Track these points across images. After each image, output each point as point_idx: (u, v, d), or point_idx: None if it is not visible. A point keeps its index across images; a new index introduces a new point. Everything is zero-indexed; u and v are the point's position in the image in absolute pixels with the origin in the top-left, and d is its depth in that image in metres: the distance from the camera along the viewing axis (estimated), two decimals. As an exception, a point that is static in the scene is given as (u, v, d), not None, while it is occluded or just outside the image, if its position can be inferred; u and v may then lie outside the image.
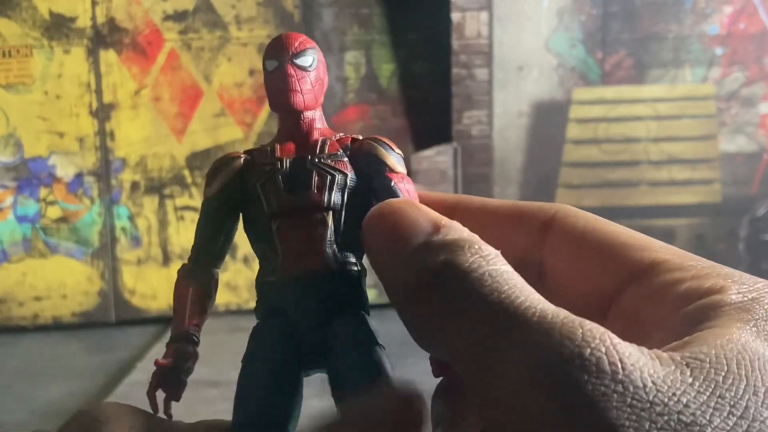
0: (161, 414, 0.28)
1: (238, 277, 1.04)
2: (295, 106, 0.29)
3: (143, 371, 0.81)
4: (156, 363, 0.29)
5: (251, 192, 0.29)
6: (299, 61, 0.29)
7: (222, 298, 1.00)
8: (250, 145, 1.04)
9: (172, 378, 0.29)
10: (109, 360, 0.90)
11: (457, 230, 0.25)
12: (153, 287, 1.06)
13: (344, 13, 1.06)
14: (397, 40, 1.09)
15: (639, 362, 0.20)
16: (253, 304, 0.28)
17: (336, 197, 0.28)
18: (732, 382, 0.20)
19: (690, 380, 0.20)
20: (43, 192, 1.04)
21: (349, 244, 0.28)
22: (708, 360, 0.20)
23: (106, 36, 1.02)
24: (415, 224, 0.25)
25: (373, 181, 0.28)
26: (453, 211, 0.31)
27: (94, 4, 1.01)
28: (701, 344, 0.21)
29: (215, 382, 0.71)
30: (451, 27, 1.13)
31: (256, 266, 0.31)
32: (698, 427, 0.19)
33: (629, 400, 0.19)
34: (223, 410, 0.72)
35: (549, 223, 0.29)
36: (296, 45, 0.29)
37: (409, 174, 0.31)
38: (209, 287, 0.29)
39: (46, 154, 1.03)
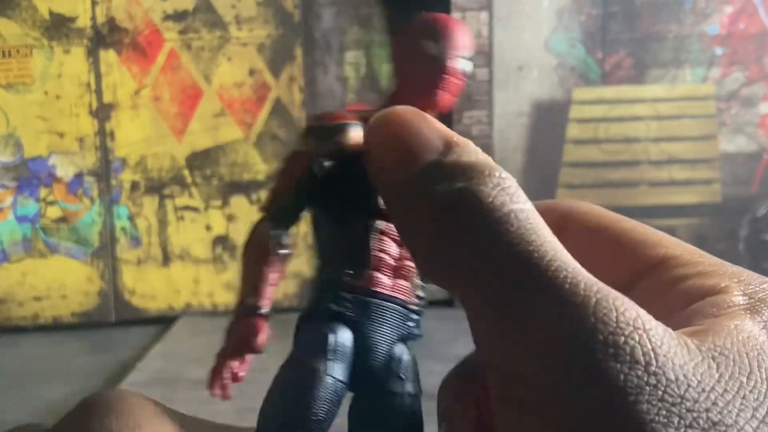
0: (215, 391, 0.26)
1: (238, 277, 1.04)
2: (441, 107, 0.25)
3: (143, 371, 0.81)
4: (239, 341, 0.26)
5: (356, 181, 0.24)
6: (463, 64, 0.25)
7: (222, 298, 1.00)
8: (250, 145, 1.04)
9: (244, 357, 0.26)
10: (109, 360, 0.90)
11: (472, 151, 0.21)
12: (153, 287, 1.06)
13: (344, 13, 1.06)
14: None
15: (671, 351, 0.19)
16: None
17: None
18: (755, 385, 0.20)
19: (717, 376, 0.19)
20: (43, 192, 1.04)
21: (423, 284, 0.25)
22: (732, 357, 0.20)
23: (106, 36, 1.02)
24: (425, 138, 0.22)
25: None
26: None
27: (94, 4, 1.01)
28: (722, 336, 0.21)
29: (215, 382, 0.71)
30: (451, 27, 1.13)
31: None
32: (725, 428, 0.19)
33: (661, 393, 0.19)
34: (223, 410, 0.72)
35: (563, 219, 0.28)
36: (466, 44, 0.25)
37: None
38: (289, 254, 0.25)
39: (46, 154, 1.03)
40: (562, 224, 0.27)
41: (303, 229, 0.30)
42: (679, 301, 0.24)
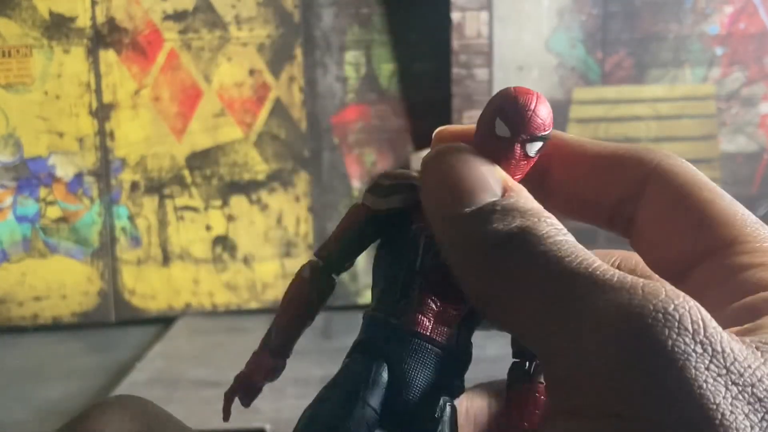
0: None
1: (238, 277, 1.04)
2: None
3: (143, 371, 0.81)
4: (247, 373, 0.26)
5: (412, 235, 0.26)
6: (530, 147, 0.25)
7: (222, 298, 1.00)
8: (250, 145, 1.03)
9: (251, 387, 0.27)
10: (109, 360, 0.90)
11: (527, 198, 0.23)
12: (153, 287, 1.05)
13: (344, 13, 1.05)
14: (397, 40, 1.09)
15: (718, 328, 0.20)
16: (253, 305, 0.27)
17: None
18: None
19: (762, 360, 0.19)
20: (42, 192, 1.04)
21: (468, 336, 0.26)
22: None
23: (105, 36, 1.02)
24: (484, 181, 0.23)
25: None
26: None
27: (93, 3, 1.01)
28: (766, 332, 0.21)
29: (215, 383, 0.71)
30: (451, 27, 1.13)
31: (256, 266, 0.30)
32: None
33: (707, 362, 0.19)
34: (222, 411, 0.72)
35: (649, 174, 0.27)
36: (538, 126, 0.25)
37: None
38: (327, 298, 0.27)
39: (45, 154, 1.03)
40: (646, 178, 0.27)
41: (304, 229, 0.32)
42: (736, 291, 0.24)
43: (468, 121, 1.22)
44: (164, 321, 1.04)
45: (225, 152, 1.06)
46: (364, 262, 0.34)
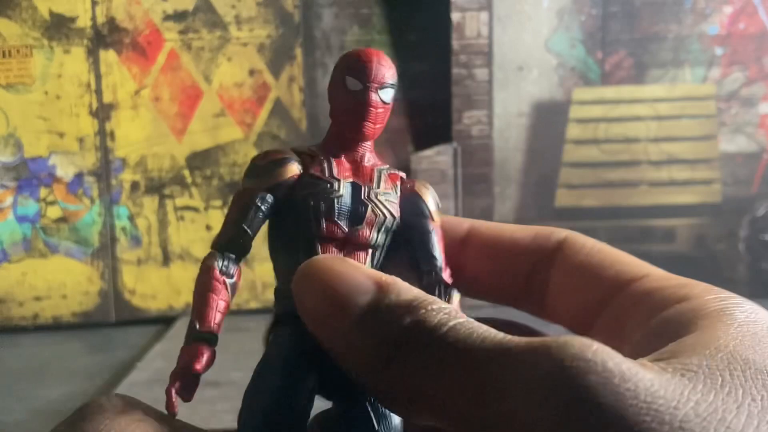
0: (171, 411, 0.27)
1: (238, 277, 1.04)
2: (367, 135, 0.29)
3: (143, 371, 0.81)
4: (183, 366, 0.27)
5: (301, 205, 0.27)
6: (383, 94, 0.28)
7: (222, 298, 1.00)
8: (250, 145, 1.03)
9: (189, 379, 0.28)
10: (109, 360, 0.90)
11: (407, 289, 0.23)
12: (153, 287, 1.06)
13: (344, 13, 1.05)
14: (396, 40, 1.09)
15: (635, 366, 0.20)
16: (253, 305, 0.28)
17: (381, 237, 0.28)
18: (729, 391, 0.20)
19: (690, 386, 0.20)
20: (43, 192, 1.04)
21: None
22: (701, 371, 0.20)
23: (106, 36, 1.02)
24: (357, 283, 0.23)
25: (412, 223, 0.29)
26: (466, 237, 0.30)
27: (94, 4, 1.01)
28: (689, 355, 0.21)
29: (215, 382, 0.71)
30: (451, 27, 1.13)
31: (256, 266, 0.31)
32: None
33: (642, 397, 0.19)
34: (223, 410, 0.72)
35: (560, 243, 0.29)
36: (384, 75, 0.28)
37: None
38: (235, 287, 0.28)
39: (46, 154, 1.03)
40: (557, 248, 0.28)
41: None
42: (651, 311, 0.24)
43: (468, 120, 1.22)
44: (164, 321, 1.04)
45: (225, 152, 1.07)
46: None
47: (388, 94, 0.28)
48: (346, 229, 0.27)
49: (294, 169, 0.28)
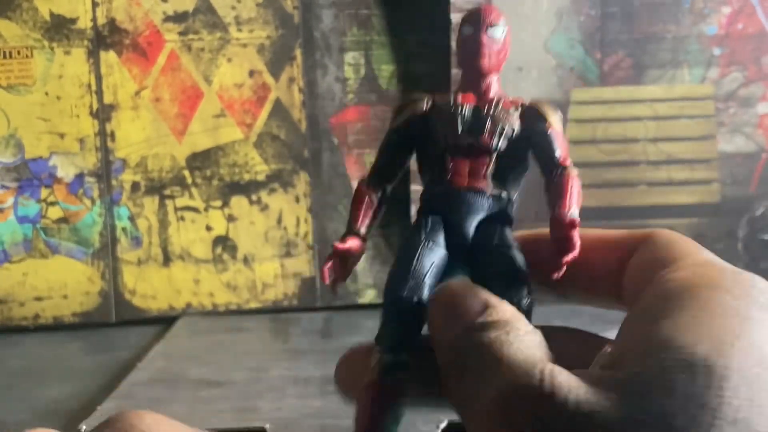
0: (327, 285, 0.33)
1: (238, 277, 1.04)
2: (483, 69, 0.35)
3: (143, 371, 0.81)
4: (334, 246, 0.33)
5: (432, 129, 0.34)
6: (492, 32, 0.34)
7: (222, 298, 1.00)
8: (250, 146, 1.04)
9: (342, 261, 0.33)
10: (109, 360, 0.90)
11: (502, 311, 0.28)
12: (153, 287, 1.06)
13: (344, 14, 1.06)
14: (396, 41, 1.09)
15: (570, 382, 0.22)
16: (253, 305, 0.31)
17: (502, 143, 0.34)
18: (653, 402, 0.21)
19: (613, 398, 0.21)
20: (43, 193, 1.04)
21: (504, 181, 0.34)
22: (632, 382, 0.22)
23: (106, 37, 1.02)
24: (468, 304, 0.29)
25: (534, 133, 0.34)
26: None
27: (94, 5, 1.01)
28: (631, 363, 0.23)
29: (215, 382, 0.72)
30: (450, 27, 1.13)
31: (256, 266, 0.32)
32: None
33: (562, 417, 0.22)
34: (223, 410, 0.72)
35: (644, 239, 0.33)
36: (492, 18, 0.35)
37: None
38: (382, 199, 0.35)
39: (46, 155, 1.03)
40: (639, 246, 0.32)
41: (304, 229, 0.38)
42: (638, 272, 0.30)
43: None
44: (165, 321, 1.04)
45: (225, 153, 1.07)
46: (362, 262, 0.42)
47: (499, 31, 0.35)
48: (470, 139, 0.34)
49: (421, 105, 0.35)
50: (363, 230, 0.34)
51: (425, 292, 0.31)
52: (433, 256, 0.32)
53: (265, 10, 1.05)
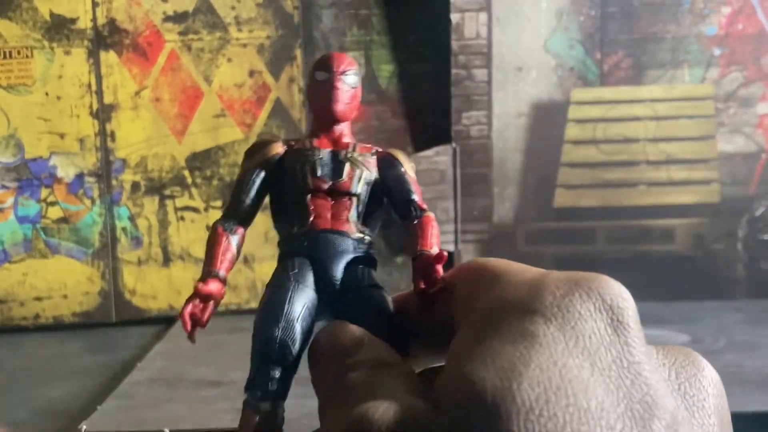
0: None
1: (238, 277, 1.04)
2: (338, 115, 0.35)
3: (144, 371, 0.81)
4: (197, 288, 0.33)
5: (289, 172, 0.34)
6: (345, 79, 0.35)
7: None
8: (249, 146, 1.04)
9: (204, 304, 0.34)
10: (109, 360, 0.90)
11: (373, 349, 0.30)
12: (153, 287, 1.06)
13: (343, 14, 1.06)
14: (396, 40, 1.09)
15: (389, 419, 0.23)
16: (253, 305, 0.32)
17: (362, 188, 0.34)
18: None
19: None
20: (43, 193, 1.04)
21: (364, 224, 0.34)
22: (440, 423, 0.23)
23: (106, 37, 1.02)
24: (343, 346, 0.30)
25: (390, 178, 0.35)
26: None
27: (94, 5, 1.01)
28: (444, 401, 0.24)
29: (215, 382, 0.72)
30: (450, 28, 1.13)
31: (256, 266, 0.33)
32: None
33: None
34: (223, 410, 0.72)
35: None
36: (345, 65, 0.35)
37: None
38: (238, 242, 0.35)
39: (46, 155, 1.03)
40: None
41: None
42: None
43: (467, 121, 1.23)
44: (165, 321, 1.04)
45: (225, 153, 1.07)
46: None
47: (353, 79, 0.35)
48: (330, 182, 0.34)
49: (278, 147, 0.35)
50: (222, 273, 0.34)
51: (298, 336, 0.31)
52: (304, 297, 0.32)
53: (265, 10, 1.05)
